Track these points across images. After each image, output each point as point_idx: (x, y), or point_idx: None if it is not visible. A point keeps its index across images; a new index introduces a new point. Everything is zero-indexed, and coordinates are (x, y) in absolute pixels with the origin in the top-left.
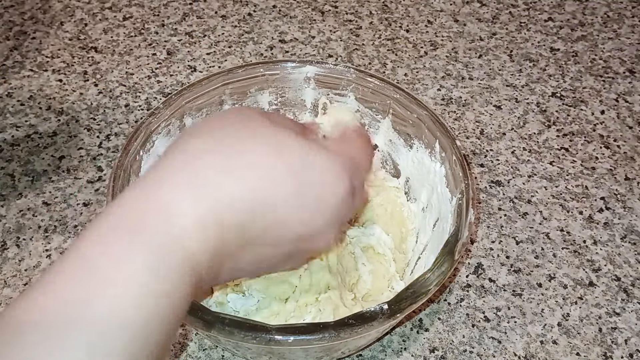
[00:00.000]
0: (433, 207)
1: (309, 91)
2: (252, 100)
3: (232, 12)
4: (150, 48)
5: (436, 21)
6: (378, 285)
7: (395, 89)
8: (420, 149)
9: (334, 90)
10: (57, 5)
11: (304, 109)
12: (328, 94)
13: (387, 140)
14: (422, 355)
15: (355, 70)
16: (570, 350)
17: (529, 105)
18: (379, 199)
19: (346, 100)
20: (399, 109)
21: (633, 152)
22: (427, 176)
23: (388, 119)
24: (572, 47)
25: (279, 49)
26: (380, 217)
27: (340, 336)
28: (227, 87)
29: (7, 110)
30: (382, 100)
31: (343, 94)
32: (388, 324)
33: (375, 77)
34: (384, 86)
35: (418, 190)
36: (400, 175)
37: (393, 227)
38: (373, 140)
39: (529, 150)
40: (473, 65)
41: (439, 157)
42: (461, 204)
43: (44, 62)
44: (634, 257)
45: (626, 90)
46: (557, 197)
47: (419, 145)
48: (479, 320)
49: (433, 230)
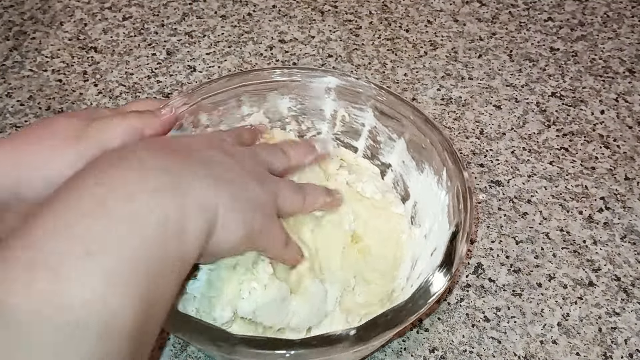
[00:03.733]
0: (433, 236)
1: (329, 102)
2: (271, 105)
3: (232, 12)
4: (149, 48)
5: (436, 21)
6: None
7: (413, 110)
8: (430, 174)
9: (353, 104)
10: (57, 5)
11: (322, 119)
12: (347, 107)
13: (400, 161)
14: (422, 355)
15: (375, 86)
16: (570, 350)
17: (528, 105)
18: (377, 222)
19: (364, 115)
20: (414, 131)
21: (633, 152)
22: (432, 203)
23: (403, 140)
24: (571, 47)
25: (278, 48)
26: (373, 239)
27: (301, 356)
28: (246, 87)
29: (6, 110)
30: (399, 119)
31: (362, 108)
32: (358, 348)
33: (395, 96)
34: (402, 106)
35: (423, 216)
36: (409, 198)
37: (386, 250)
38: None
39: (528, 150)
40: (473, 65)
41: (445, 186)
42: (455, 236)
43: (43, 62)
44: (633, 257)
45: (626, 90)
46: (557, 197)
47: (429, 170)
48: (478, 320)
49: (430, 258)
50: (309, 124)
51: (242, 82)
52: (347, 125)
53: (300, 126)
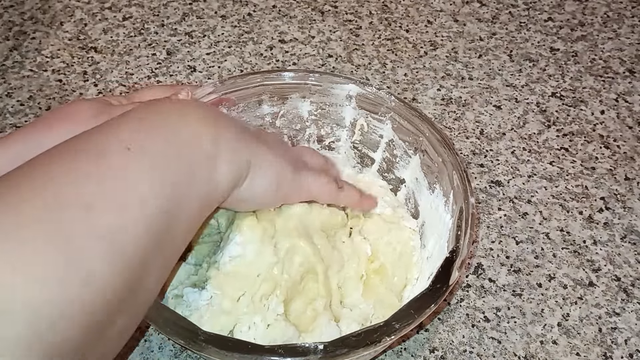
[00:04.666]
0: (433, 259)
1: (349, 110)
2: (292, 106)
3: (232, 12)
4: (150, 48)
5: (436, 21)
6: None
7: (430, 126)
8: (440, 195)
9: (372, 114)
10: (57, 5)
11: (342, 126)
12: (367, 117)
13: (413, 177)
14: (421, 355)
15: (395, 98)
16: (570, 351)
17: (528, 105)
18: (389, 237)
19: (383, 127)
20: (429, 149)
21: (633, 152)
22: (438, 225)
23: (418, 156)
24: (571, 47)
25: (278, 49)
26: (387, 256)
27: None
28: (267, 87)
29: (6, 110)
30: (416, 135)
31: (381, 119)
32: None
33: (414, 110)
34: (420, 121)
35: (429, 236)
36: (418, 217)
37: (399, 270)
38: (401, 174)
39: (528, 150)
40: (473, 65)
41: (451, 209)
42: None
43: (43, 62)
44: (633, 257)
45: (626, 90)
46: (557, 197)
47: (439, 190)
48: (478, 320)
49: (427, 282)
50: (328, 130)
51: (263, 81)
52: (365, 135)
53: (320, 131)
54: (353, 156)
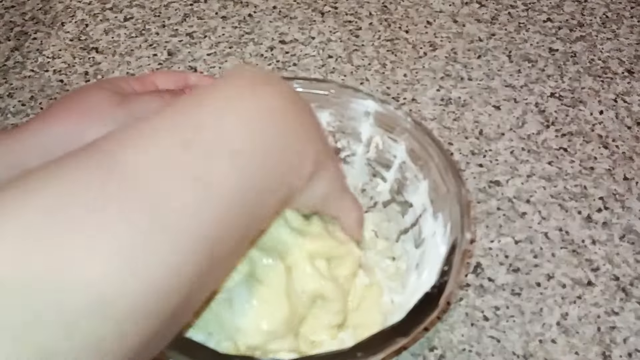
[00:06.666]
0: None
1: (367, 126)
2: None
3: (233, 13)
4: (151, 49)
5: (435, 22)
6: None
7: (439, 152)
8: (440, 224)
9: (388, 133)
10: (58, 5)
11: (358, 141)
12: (382, 135)
13: (420, 203)
14: (421, 354)
15: (412, 120)
16: (569, 350)
17: (527, 106)
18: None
19: (397, 147)
20: (436, 176)
21: (631, 152)
22: (434, 254)
23: (427, 182)
24: (570, 48)
25: (279, 49)
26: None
27: None
28: None
29: (8, 110)
30: (426, 160)
31: (396, 140)
32: None
33: (428, 134)
34: (431, 147)
35: (425, 264)
36: (421, 245)
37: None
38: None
39: (527, 151)
40: (472, 66)
41: (447, 240)
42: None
43: (45, 63)
44: (632, 256)
45: (625, 90)
46: (556, 197)
47: (441, 219)
48: (478, 319)
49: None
50: (345, 143)
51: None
52: (379, 154)
53: (336, 144)
54: (367, 172)
